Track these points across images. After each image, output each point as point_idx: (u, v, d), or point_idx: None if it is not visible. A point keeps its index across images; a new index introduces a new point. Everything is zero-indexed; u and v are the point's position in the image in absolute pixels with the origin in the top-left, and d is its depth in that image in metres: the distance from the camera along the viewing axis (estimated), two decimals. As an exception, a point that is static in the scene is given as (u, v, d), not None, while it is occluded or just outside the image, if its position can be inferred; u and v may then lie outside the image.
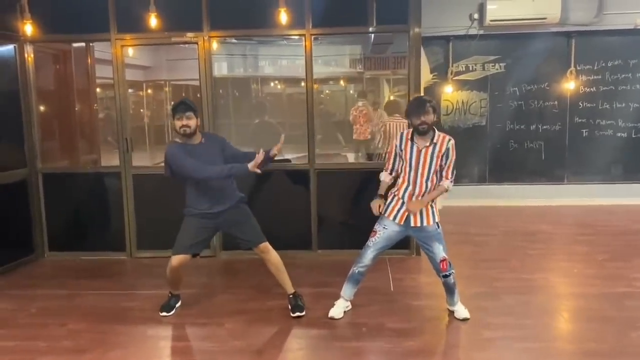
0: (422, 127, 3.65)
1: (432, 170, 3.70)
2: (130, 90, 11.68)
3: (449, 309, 3.98)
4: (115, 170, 5.52)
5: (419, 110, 3.64)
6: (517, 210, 7.40)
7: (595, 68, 7.64)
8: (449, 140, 3.73)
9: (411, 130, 3.75)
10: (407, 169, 3.74)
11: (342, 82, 11.32)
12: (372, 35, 7.61)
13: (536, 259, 5.25)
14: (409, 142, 3.74)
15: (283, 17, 4.78)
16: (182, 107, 3.77)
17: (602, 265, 5.07)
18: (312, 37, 5.22)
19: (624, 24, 7.34)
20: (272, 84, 11.47)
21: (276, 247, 5.44)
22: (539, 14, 7.16)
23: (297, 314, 3.93)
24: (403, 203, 3.74)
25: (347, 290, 3.99)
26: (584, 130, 7.76)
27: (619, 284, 4.53)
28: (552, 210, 7.38)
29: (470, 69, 7.77)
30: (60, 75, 6.16)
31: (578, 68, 7.62)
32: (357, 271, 3.92)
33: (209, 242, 4.11)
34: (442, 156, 3.69)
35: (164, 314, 4.01)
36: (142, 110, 12.20)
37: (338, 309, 3.95)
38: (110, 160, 6.33)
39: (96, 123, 6.70)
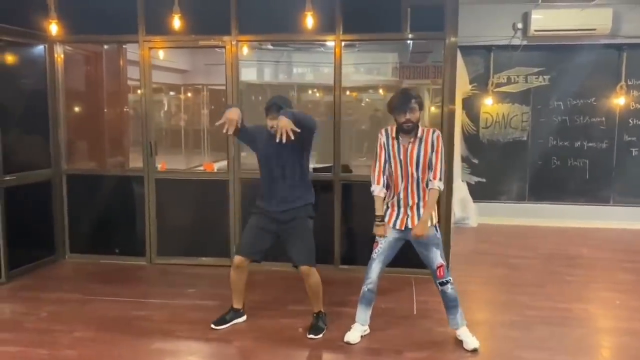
0: (406, 125, 3.41)
1: (420, 169, 3.46)
2: (171, 93, 11.79)
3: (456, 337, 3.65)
4: (138, 174, 5.43)
5: (404, 106, 3.38)
6: (557, 231, 6.97)
7: (648, 83, 7.17)
8: (434, 132, 3.49)
9: (394, 127, 3.49)
10: (397, 170, 3.50)
11: (381, 91, 11.08)
12: (411, 43, 7.37)
13: (575, 287, 4.86)
14: (395, 141, 3.49)
15: (309, 21, 4.59)
16: (273, 108, 3.59)
17: (651, 297, 4.65)
18: (343, 43, 5.01)
19: (681, 36, 6.87)
20: (309, 92, 11.32)
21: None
22: (588, 24, 6.76)
23: (311, 336, 3.72)
24: (399, 208, 3.54)
25: (361, 314, 3.74)
26: (634, 149, 7.27)
27: (668, 320, 4.12)
28: (596, 233, 6.91)
29: (512, 80, 7.40)
30: (91, 77, 6.15)
31: (629, 83, 7.16)
32: (366, 290, 3.69)
33: (268, 248, 3.83)
34: (429, 151, 3.45)
35: (213, 326, 3.83)
36: (179, 114, 12.26)
37: (355, 333, 3.70)
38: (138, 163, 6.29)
39: (126, 125, 6.66)
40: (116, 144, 6.49)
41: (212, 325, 3.83)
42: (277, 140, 3.31)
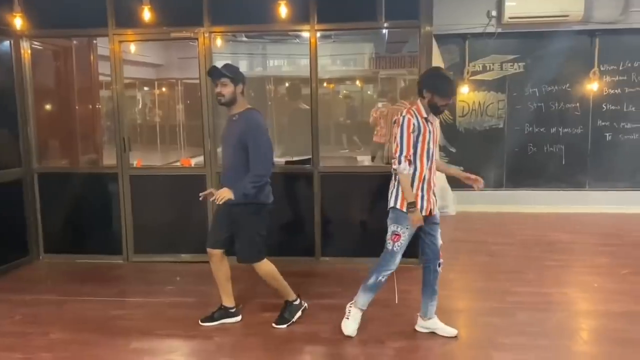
0: (445, 108, 3.36)
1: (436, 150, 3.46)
2: (145, 88, 11.56)
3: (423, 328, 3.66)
4: (112, 171, 5.32)
5: (453, 91, 3.38)
6: (534, 217, 7.04)
7: (621, 68, 7.25)
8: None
9: (419, 107, 3.35)
10: (425, 153, 3.35)
11: (358, 83, 11.05)
12: (386, 33, 7.33)
13: (554, 272, 4.91)
14: (425, 121, 3.34)
15: (283, 10, 4.53)
16: (214, 73, 3.56)
17: (626, 279, 4.71)
18: (318, 33, 4.95)
19: (651, 22, 6.96)
20: (285, 84, 11.24)
21: (276, 253, 5.23)
22: (561, 11, 6.80)
23: (274, 325, 3.76)
24: (424, 193, 3.39)
25: (364, 299, 3.61)
26: (608, 134, 7.36)
27: (644, 301, 4.18)
28: (573, 218, 7.00)
29: (488, 68, 7.43)
30: (61, 73, 5.99)
31: (602, 68, 7.24)
32: (383, 280, 3.57)
33: (226, 237, 3.72)
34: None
35: (200, 322, 3.80)
36: (154, 109, 12.07)
37: (354, 325, 3.60)
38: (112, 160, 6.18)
39: (98, 122, 6.52)
40: (88, 140, 6.35)
41: (200, 322, 3.79)
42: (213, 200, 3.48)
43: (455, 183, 7.48)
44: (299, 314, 3.84)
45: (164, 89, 12.22)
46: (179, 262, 5.22)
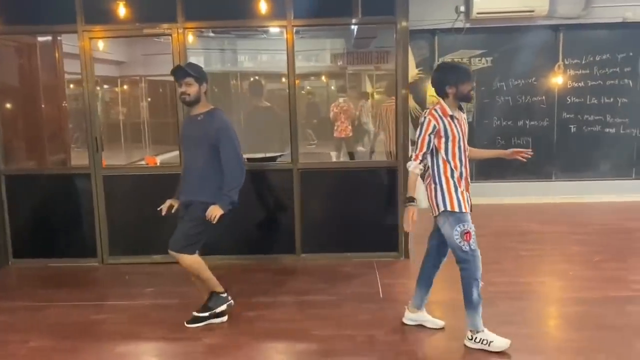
0: (472, 93, 3.38)
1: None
2: (105, 87, 11.26)
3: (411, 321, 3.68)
4: (84, 172, 5.16)
5: (470, 76, 3.34)
6: (504, 208, 7.21)
7: (583, 62, 7.47)
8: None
9: (443, 108, 3.31)
10: (457, 152, 3.35)
11: (323, 78, 11.06)
12: (355, 29, 7.36)
13: (530, 261, 5.04)
14: (450, 119, 3.30)
15: (262, 6, 4.49)
16: (179, 72, 3.57)
17: (598, 266, 4.87)
18: (294, 28, 4.92)
19: (612, 18, 7.18)
20: (252, 79, 11.15)
21: (257, 251, 5.21)
22: (526, 6, 6.96)
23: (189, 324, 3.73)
24: (467, 196, 3.43)
25: (478, 319, 3.40)
26: (572, 126, 7.59)
27: (618, 287, 4.33)
28: (541, 208, 7.20)
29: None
30: (25, 71, 5.76)
31: (566, 62, 7.45)
32: (480, 286, 3.43)
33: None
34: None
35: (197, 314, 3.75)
36: (117, 107, 11.78)
37: (498, 338, 3.33)
38: (81, 160, 6.01)
39: (65, 121, 6.31)
40: (56, 140, 6.14)
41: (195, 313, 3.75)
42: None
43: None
44: (223, 307, 3.76)
45: (126, 87, 11.97)
46: (156, 264, 5.11)
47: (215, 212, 3.49)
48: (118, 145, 10.25)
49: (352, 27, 6.69)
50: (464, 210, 3.33)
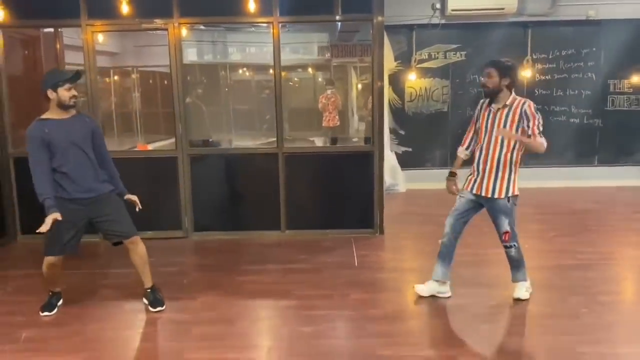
0: (482, 88, 3.75)
1: (504, 138, 3.66)
2: (97, 77, 11.60)
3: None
4: (87, 155, 5.61)
5: (482, 72, 3.75)
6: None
7: (550, 57, 8.02)
8: (524, 102, 3.63)
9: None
10: (482, 134, 3.74)
11: (310, 70, 11.49)
12: (339, 23, 7.83)
13: (491, 236, 5.45)
14: (487, 107, 3.75)
15: (251, 5, 4.96)
16: (78, 76, 3.67)
17: (554, 240, 5.47)
18: (280, 24, 5.40)
19: (576, 15, 7.72)
20: (240, 71, 11.58)
21: (245, 228, 5.71)
22: (497, 4, 7.48)
23: (158, 308, 3.88)
24: (478, 174, 3.77)
25: (437, 269, 3.99)
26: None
27: (566, 257, 4.92)
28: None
29: (433, 57, 8.06)
30: (30, 61, 6.19)
31: (534, 57, 7.99)
32: (440, 242, 4.01)
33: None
34: (517, 121, 3.61)
35: (46, 313, 3.83)
36: (110, 97, 12.14)
37: (425, 287, 4.01)
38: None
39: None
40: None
41: (41, 313, 3.85)
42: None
43: (404, 162, 8.15)
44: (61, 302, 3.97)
45: (116, 77, 12.32)
46: (153, 239, 5.57)
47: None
48: (111, 134, 10.64)
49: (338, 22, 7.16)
50: (464, 187, 3.96)
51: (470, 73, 8.03)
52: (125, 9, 5.16)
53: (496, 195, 3.73)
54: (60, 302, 3.96)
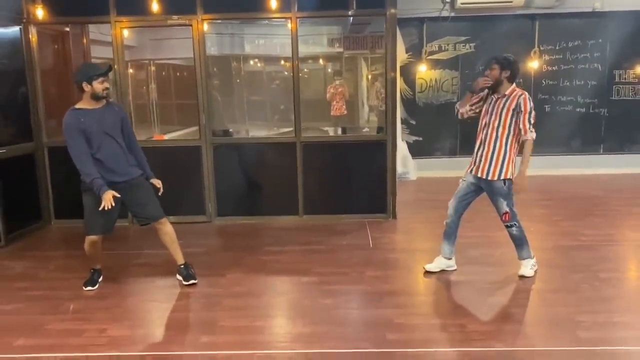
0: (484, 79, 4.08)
1: (500, 124, 3.98)
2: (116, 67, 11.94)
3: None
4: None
5: (485, 67, 4.10)
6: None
7: (557, 48, 8.26)
8: (521, 94, 3.96)
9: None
10: (482, 122, 4.12)
11: (321, 61, 11.75)
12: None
13: (498, 220, 5.85)
14: (489, 97, 4.10)
15: (274, 3, 5.27)
16: (110, 70, 3.99)
17: (557, 224, 5.76)
18: (298, 19, 5.70)
19: (582, 7, 7.97)
20: (252, 62, 11.86)
21: (265, 213, 6.03)
22: (505, -3, 7.74)
23: (191, 281, 4.18)
24: (478, 158, 4.12)
25: (444, 247, 4.37)
26: (547, 106, 8.41)
27: (569, 239, 5.21)
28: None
29: (443, 49, 8.32)
30: (60, 55, 6.53)
31: (541, 48, 8.24)
32: (444, 223, 4.37)
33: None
34: (512, 110, 3.94)
35: (89, 288, 4.15)
36: (127, 89, 12.46)
37: (434, 264, 4.38)
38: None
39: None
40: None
41: (85, 288, 4.16)
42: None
43: (415, 151, 8.43)
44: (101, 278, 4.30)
45: (131, 70, 12.65)
46: (179, 223, 5.91)
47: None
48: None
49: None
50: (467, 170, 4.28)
51: (479, 64, 8.28)
52: (151, 6, 5.48)
53: (490, 177, 4.05)
54: (101, 278, 4.30)
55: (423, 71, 8.36)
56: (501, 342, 3.25)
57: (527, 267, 4.25)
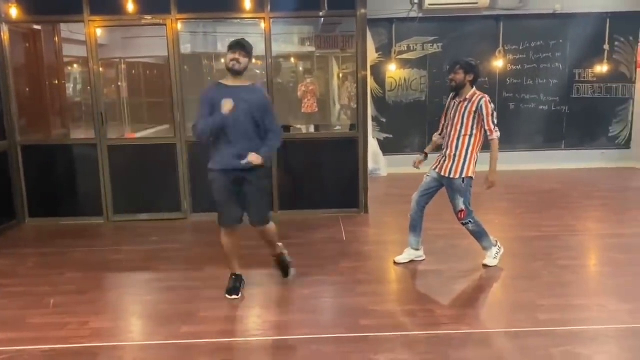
0: (450, 83, 4.29)
1: (462, 126, 4.22)
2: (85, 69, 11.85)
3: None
4: (91, 142, 6.00)
5: (449, 69, 4.30)
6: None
7: (520, 48, 8.59)
8: (481, 97, 4.19)
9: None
10: (448, 122, 4.32)
11: (292, 60, 11.89)
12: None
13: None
14: (453, 100, 4.33)
15: (247, 3, 5.40)
16: (237, 44, 3.72)
17: (520, 216, 6.05)
18: (271, 19, 5.83)
19: (544, 9, 8.30)
20: (223, 60, 11.88)
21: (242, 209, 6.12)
22: (471, -1, 8.02)
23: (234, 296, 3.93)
24: (442, 156, 4.36)
25: (411, 239, 4.58)
26: (511, 104, 8.73)
27: (529, 229, 5.50)
28: (481, 175, 8.29)
29: (411, 48, 8.56)
30: (32, 53, 6.52)
31: (505, 48, 8.55)
32: (409, 216, 4.57)
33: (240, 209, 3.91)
34: (474, 112, 4.17)
35: (234, 296, 3.91)
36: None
37: (403, 255, 4.59)
38: (78, 134, 6.87)
39: (65, 98, 7.10)
40: (59, 116, 6.95)
41: (229, 296, 3.93)
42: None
43: (385, 148, 8.66)
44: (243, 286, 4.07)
45: (102, 68, 12.55)
46: (154, 220, 6.01)
47: (254, 159, 3.76)
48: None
49: (321, 13, 7.60)
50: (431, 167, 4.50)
51: (446, 64, 8.51)
52: (125, 5, 5.54)
53: (452, 175, 4.29)
54: (243, 285, 4.02)
55: (392, 70, 8.59)
56: (467, 325, 3.47)
57: (491, 257, 4.49)
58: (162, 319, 3.69)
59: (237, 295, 3.93)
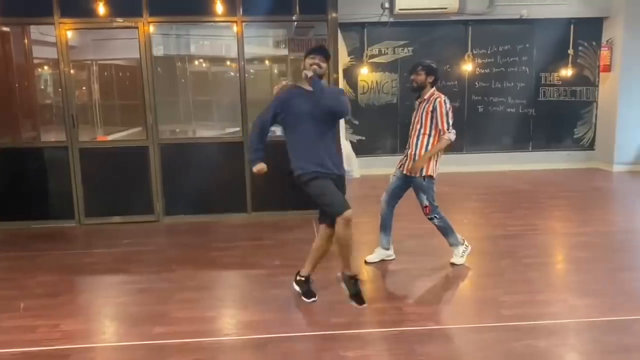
0: (412, 84, 4.40)
1: (422, 125, 4.34)
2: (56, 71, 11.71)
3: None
4: (62, 145, 5.97)
5: (411, 71, 4.40)
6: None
7: (489, 52, 8.81)
8: (437, 98, 4.28)
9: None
10: (411, 124, 4.48)
11: (267, 62, 11.93)
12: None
13: (436, 214, 6.28)
14: (416, 101, 4.48)
15: (219, 7, 5.44)
16: (320, 51, 3.75)
17: (488, 216, 6.21)
18: (243, 23, 5.89)
19: (511, 14, 8.53)
20: (197, 62, 11.88)
21: (214, 211, 6.19)
22: (440, 4, 8.19)
23: (363, 305, 3.78)
24: (405, 156, 4.52)
25: (381, 239, 4.71)
26: (480, 107, 8.94)
27: (498, 229, 5.66)
28: (453, 176, 8.49)
29: (383, 52, 8.70)
30: (0, 55, 6.45)
31: (474, 52, 8.76)
32: (380, 216, 4.69)
33: None
34: (431, 112, 4.27)
35: (312, 299, 3.93)
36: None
37: (373, 255, 4.73)
38: (49, 137, 6.81)
39: (35, 101, 7.03)
40: (29, 118, 6.88)
41: (305, 299, 3.94)
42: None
43: (358, 151, 8.77)
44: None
45: (72, 70, 12.42)
46: (127, 223, 6.01)
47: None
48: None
49: (294, 17, 7.68)
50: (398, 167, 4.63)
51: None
52: (96, 8, 5.54)
53: (413, 174, 4.45)
54: (313, 285, 4.04)
55: (364, 74, 8.72)
56: (434, 322, 3.58)
57: (458, 256, 4.63)
58: (134, 320, 3.71)
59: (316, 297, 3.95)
